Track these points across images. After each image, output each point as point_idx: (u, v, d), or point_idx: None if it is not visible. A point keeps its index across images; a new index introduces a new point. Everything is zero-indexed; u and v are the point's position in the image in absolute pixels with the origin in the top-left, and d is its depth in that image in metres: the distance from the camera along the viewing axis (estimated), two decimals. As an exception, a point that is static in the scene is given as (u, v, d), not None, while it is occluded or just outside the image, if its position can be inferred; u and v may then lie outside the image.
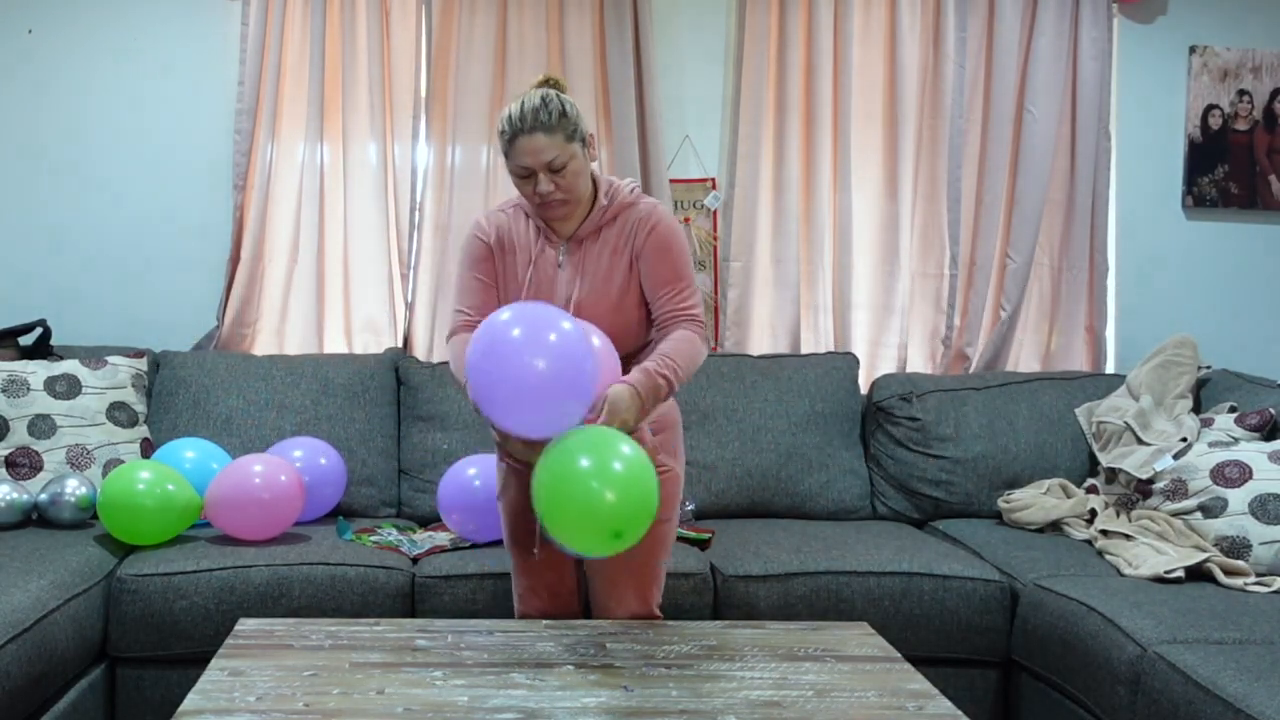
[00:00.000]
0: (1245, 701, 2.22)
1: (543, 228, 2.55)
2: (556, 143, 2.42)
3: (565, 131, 2.43)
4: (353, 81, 3.87)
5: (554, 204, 2.47)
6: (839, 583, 3.09)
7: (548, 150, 2.42)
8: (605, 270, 2.53)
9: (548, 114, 2.42)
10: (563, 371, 2.19)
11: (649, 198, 2.62)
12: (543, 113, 2.42)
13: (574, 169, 2.45)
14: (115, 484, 3.04)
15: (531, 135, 2.41)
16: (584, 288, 2.52)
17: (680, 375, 2.43)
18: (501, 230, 2.58)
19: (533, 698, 2.08)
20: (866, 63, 4.06)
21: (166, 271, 3.94)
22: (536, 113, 2.42)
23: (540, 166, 2.43)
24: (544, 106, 2.43)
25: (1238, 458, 3.18)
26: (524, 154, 2.42)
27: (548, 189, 2.44)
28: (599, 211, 2.53)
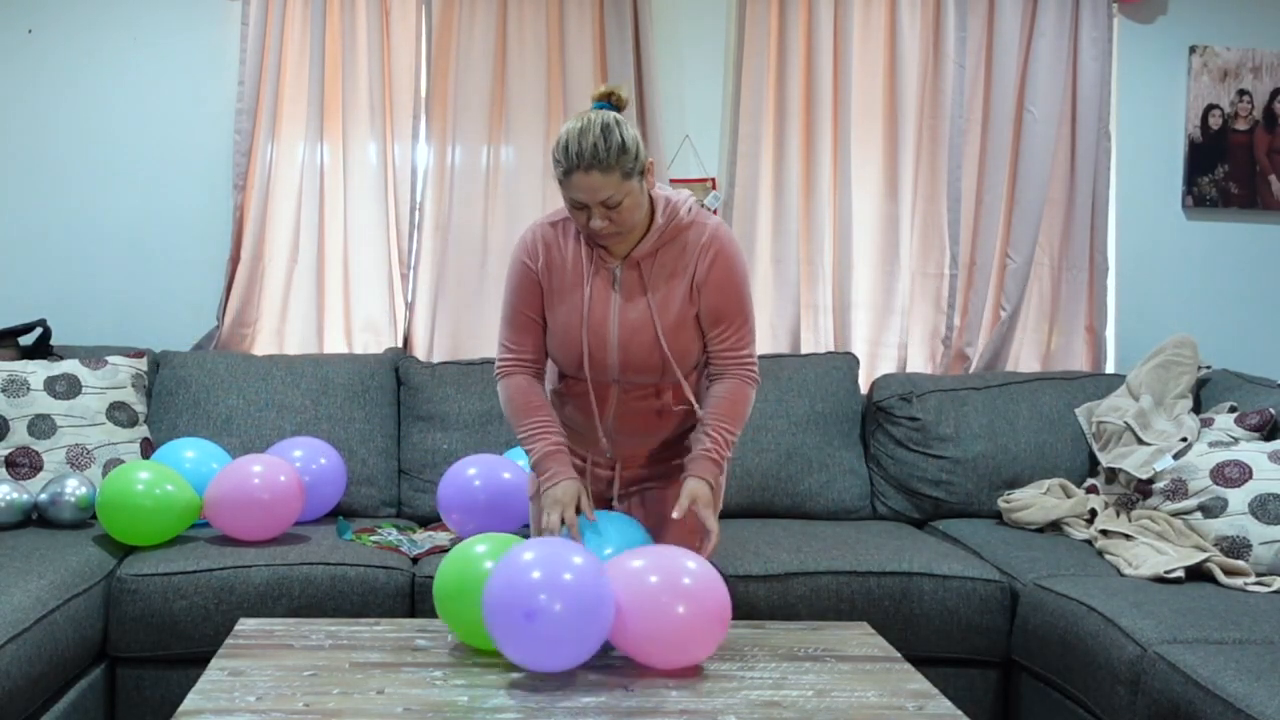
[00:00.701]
0: (1245, 701, 2.22)
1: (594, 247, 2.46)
2: (613, 181, 2.29)
3: (624, 169, 2.30)
4: (353, 81, 3.87)
5: (608, 236, 2.37)
6: (839, 583, 3.09)
7: (604, 190, 2.29)
8: (663, 297, 2.45)
9: (607, 151, 2.28)
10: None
11: (708, 215, 2.52)
12: (601, 149, 2.27)
13: (630, 204, 2.33)
14: (114, 485, 3.04)
15: (588, 173, 2.28)
16: (633, 310, 2.45)
17: (734, 443, 2.51)
18: (550, 248, 2.47)
19: (532, 698, 2.08)
20: (866, 63, 4.06)
21: (166, 271, 3.94)
22: (595, 150, 2.27)
23: (595, 203, 2.31)
24: (604, 141, 2.28)
25: (1238, 458, 3.18)
26: (578, 190, 2.30)
27: (599, 225, 2.33)
28: (656, 232, 2.42)
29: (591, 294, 2.44)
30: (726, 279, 2.45)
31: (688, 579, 2.18)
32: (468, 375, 3.72)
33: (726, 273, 2.45)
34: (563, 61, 3.92)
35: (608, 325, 2.44)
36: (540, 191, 3.97)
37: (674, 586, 2.16)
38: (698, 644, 2.20)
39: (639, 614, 2.16)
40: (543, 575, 2.10)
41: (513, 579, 2.11)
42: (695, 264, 2.43)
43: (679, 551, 2.26)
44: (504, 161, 3.98)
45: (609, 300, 2.45)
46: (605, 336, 2.45)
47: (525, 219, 3.94)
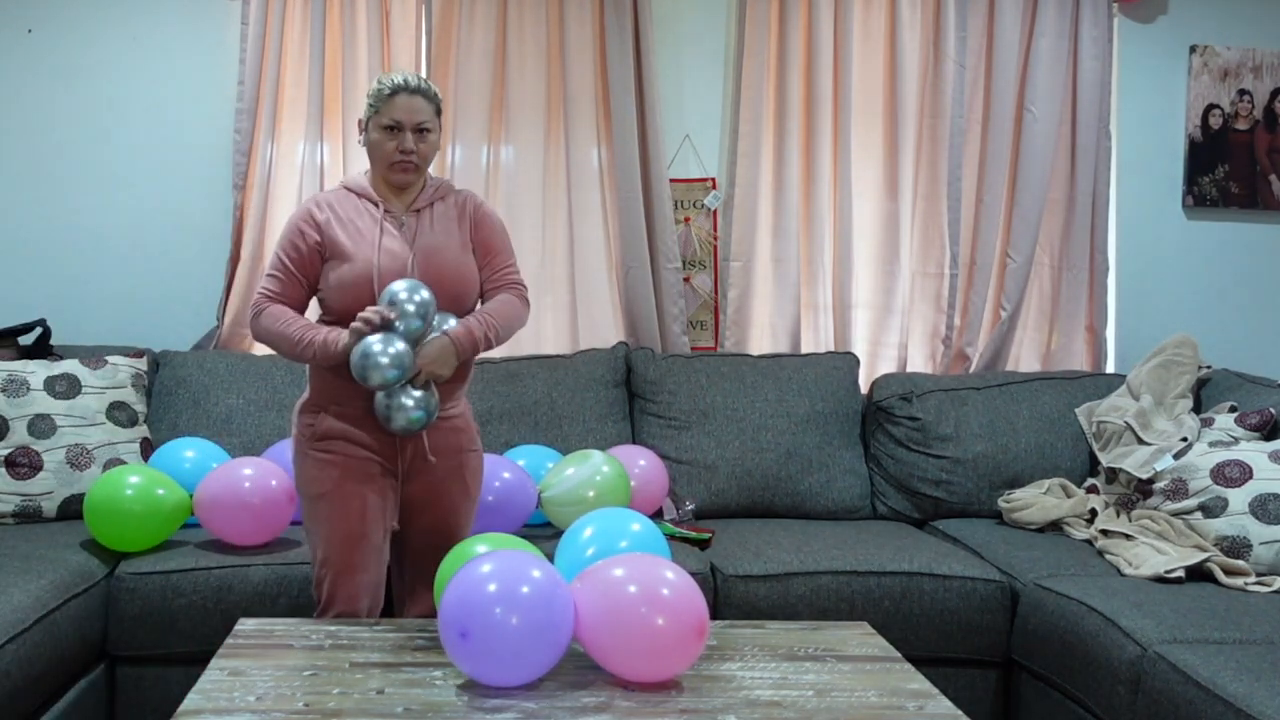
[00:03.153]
0: (1245, 701, 2.22)
1: (379, 202, 2.68)
2: (430, 110, 2.66)
3: (436, 105, 2.68)
4: (353, 81, 3.87)
5: (409, 166, 2.65)
6: (839, 583, 3.09)
7: (422, 113, 2.64)
8: (446, 227, 2.72)
9: (429, 85, 2.68)
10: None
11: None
12: (424, 83, 2.67)
13: (433, 141, 2.68)
14: (101, 491, 3.01)
15: (413, 96, 2.63)
16: (427, 239, 2.67)
17: (499, 334, 2.69)
18: (335, 207, 2.69)
19: (533, 697, 2.07)
20: (866, 62, 4.06)
21: (166, 271, 3.94)
22: (420, 80, 2.66)
23: (412, 125, 2.62)
24: (425, 80, 2.68)
25: (1238, 457, 3.18)
26: (400, 109, 2.61)
27: (411, 146, 2.63)
28: (430, 189, 2.74)
29: (383, 230, 2.66)
30: (494, 219, 2.81)
31: (666, 589, 2.14)
32: (468, 375, 3.72)
33: (492, 215, 2.82)
34: (563, 61, 3.92)
35: (405, 260, 2.63)
36: (540, 191, 3.98)
37: (651, 599, 2.12)
38: (672, 660, 2.16)
39: (611, 629, 2.14)
40: (482, 594, 2.09)
41: (460, 594, 2.11)
42: (467, 208, 2.77)
43: (658, 561, 2.25)
44: (504, 161, 3.98)
45: (400, 241, 2.66)
46: (405, 262, 2.63)
47: (525, 219, 3.97)
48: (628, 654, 2.14)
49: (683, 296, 4.02)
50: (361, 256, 2.61)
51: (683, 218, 4.06)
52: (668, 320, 3.99)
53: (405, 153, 2.63)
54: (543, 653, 2.11)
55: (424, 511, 2.71)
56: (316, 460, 2.64)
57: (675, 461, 3.65)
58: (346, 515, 2.61)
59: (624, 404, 3.80)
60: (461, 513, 2.75)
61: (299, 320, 2.64)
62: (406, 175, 2.67)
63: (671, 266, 3.98)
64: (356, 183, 2.74)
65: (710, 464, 3.66)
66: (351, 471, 2.61)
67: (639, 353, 3.88)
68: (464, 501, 2.76)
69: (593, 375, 3.77)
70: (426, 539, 2.71)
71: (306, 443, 2.66)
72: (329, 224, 2.65)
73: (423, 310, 2.52)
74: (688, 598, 2.15)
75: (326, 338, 2.58)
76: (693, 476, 3.66)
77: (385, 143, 2.64)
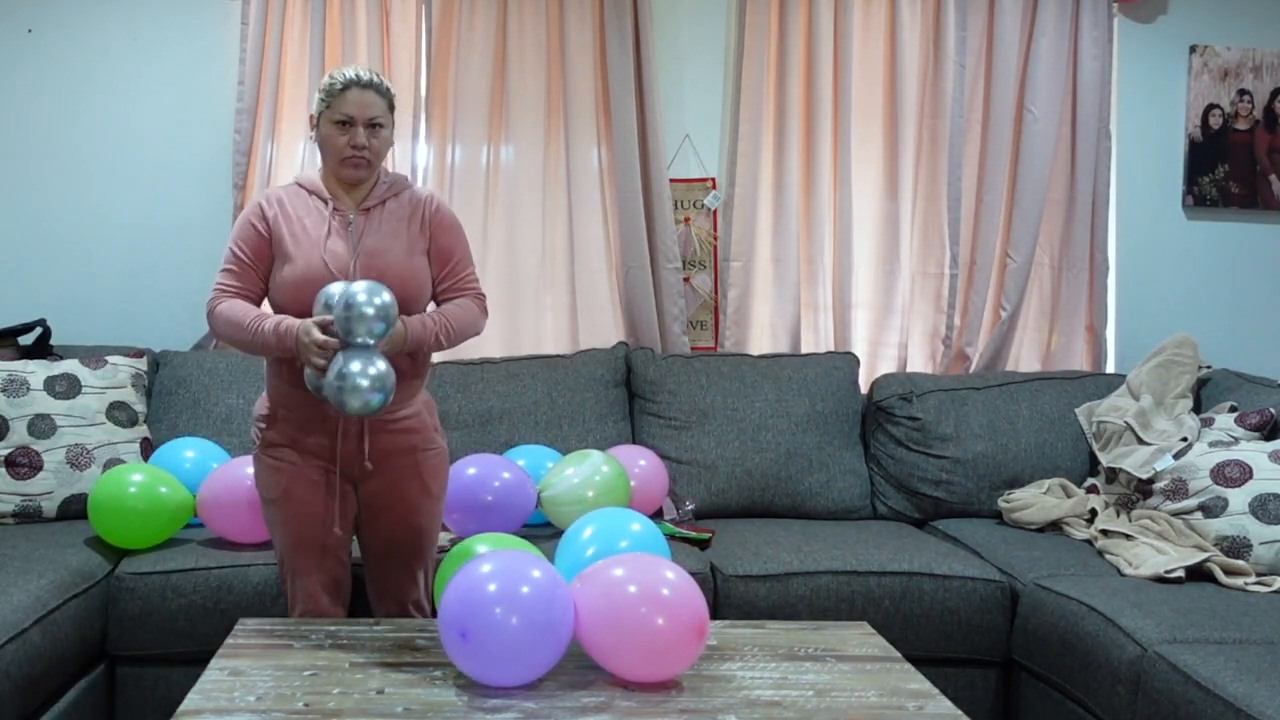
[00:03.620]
0: (1245, 701, 2.22)
1: (329, 199, 2.65)
2: (382, 105, 2.63)
3: (389, 100, 2.66)
4: (353, 81, 3.87)
5: (360, 161, 2.62)
6: (839, 583, 3.09)
7: (375, 108, 2.61)
8: (394, 227, 2.66)
9: (381, 80, 2.66)
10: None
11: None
12: (377, 78, 2.65)
13: (385, 136, 2.66)
14: (105, 489, 3.03)
15: (365, 90, 2.61)
16: (373, 240, 2.63)
17: (452, 335, 2.65)
18: (284, 203, 2.66)
19: (533, 697, 2.07)
20: (867, 62, 4.06)
21: (166, 271, 3.94)
22: (373, 76, 2.64)
23: (364, 120, 2.60)
24: (378, 75, 2.66)
25: (1238, 457, 3.18)
26: (352, 104, 2.59)
27: (363, 142, 2.60)
28: (382, 186, 2.70)
29: (331, 228, 2.63)
30: (453, 223, 2.77)
31: (666, 589, 2.14)
32: (467, 375, 3.72)
33: (452, 219, 2.77)
34: (563, 61, 3.92)
35: (348, 262, 2.59)
36: (540, 191, 3.98)
37: (651, 599, 2.12)
38: (672, 660, 2.16)
39: (611, 629, 2.14)
40: (481, 594, 2.09)
41: (460, 594, 2.11)
42: (423, 210, 2.71)
43: (658, 561, 2.25)
44: (504, 161, 3.97)
45: (348, 240, 2.63)
46: (348, 266, 2.59)
47: (525, 218, 3.97)
48: (628, 654, 2.14)
49: (683, 296, 4.02)
50: (303, 257, 2.59)
51: (683, 218, 4.06)
52: (668, 320, 3.99)
53: (357, 148, 2.60)
54: (543, 653, 2.11)
55: (383, 512, 2.70)
56: (267, 466, 2.66)
57: (675, 461, 3.65)
58: (296, 521, 2.63)
59: (624, 404, 3.80)
60: (423, 511, 2.72)
61: (252, 310, 2.60)
62: (358, 171, 2.64)
63: (671, 266, 3.98)
64: (308, 179, 2.71)
65: (710, 464, 3.66)
66: (299, 478, 2.62)
67: (639, 353, 3.88)
68: (425, 500, 2.72)
69: (593, 375, 3.77)
70: (389, 539, 2.70)
71: (259, 448, 2.68)
72: (276, 220, 2.63)
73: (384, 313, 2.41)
74: (688, 598, 2.15)
75: (279, 325, 2.51)
76: (693, 476, 3.66)
77: (336, 138, 2.61)
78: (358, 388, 2.38)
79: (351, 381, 2.38)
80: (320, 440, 2.63)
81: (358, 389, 2.38)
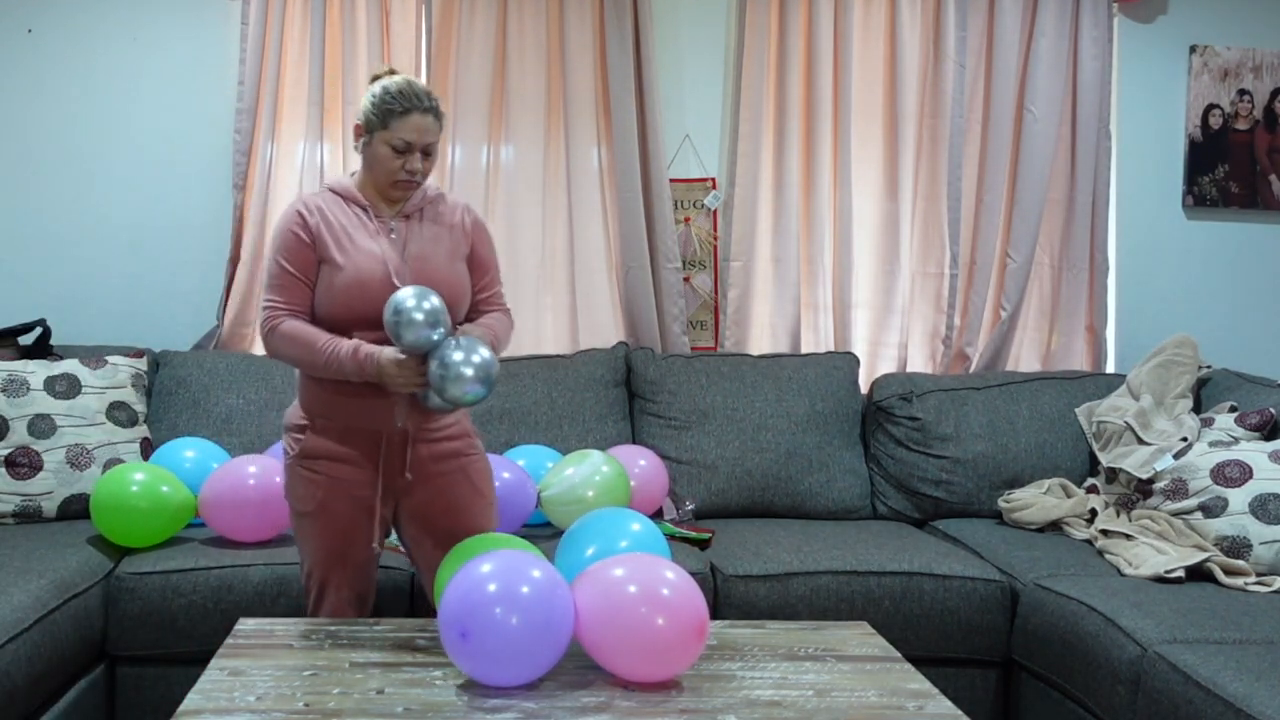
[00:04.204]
0: (1245, 701, 2.22)
1: (368, 208, 2.60)
2: (438, 128, 2.56)
3: (442, 121, 2.58)
4: (353, 81, 3.86)
5: (412, 185, 2.57)
6: (839, 583, 3.09)
7: (431, 133, 2.54)
8: (436, 234, 2.63)
9: (436, 101, 2.56)
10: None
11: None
12: (433, 99, 2.55)
13: (435, 158, 2.60)
14: (108, 486, 3.03)
15: (425, 115, 2.52)
16: (419, 246, 2.59)
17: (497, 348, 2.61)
18: (324, 211, 2.59)
19: (533, 697, 2.07)
20: (867, 62, 4.06)
21: (166, 271, 3.94)
22: (430, 96, 2.54)
23: (421, 146, 2.53)
24: (432, 94, 2.56)
25: (1238, 457, 3.18)
26: (414, 130, 2.51)
27: (418, 167, 2.54)
28: (420, 195, 2.64)
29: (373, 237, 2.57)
30: (487, 234, 2.74)
31: (666, 589, 2.14)
32: (468, 375, 3.72)
33: (485, 229, 2.74)
34: (563, 61, 3.92)
35: (398, 268, 2.54)
36: (540, 191, 3.98)
37: (651, 599, 2.12)
38: (672, 660, 2.15)
39: (611, 629, 2.14)
40: (481, 594, 2.09)
41: (460, 594, 2.11)
42: (461, 218, 2.68)
43: (658, 561, 2.25)
44: (504, 161, 3.97)
45: (392, 249, 2.57)
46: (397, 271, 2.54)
47: (525, 219, 3.97)
48: (628, 654, 2.14)
49: (683, 296, 4.02)
50: (352, 264, 2.52)
51: (683, 218, 4.06)
52: (668, 320, 3.99)
53: (411, 172, 2.54)
54: (543, 653, 2.11)
55: (437, 519, 2.64)
56: (302, 478, 2.59)
57: (675, 461, 3.65)
58: (331, 534, 2.58)
59: (624, 404, 3.80)
60: (477, 513, 2.66)
61: (321, 334, 2.51)
62: (407, 193, 2.59)
63: (671, 266, 3.98)
64: (342, 186, 2.63)
65: (710, 464, 3.66)
66: (336, 491, 2.56)
67: (639, 353, 3.88)
68: (477, 500, 2.67)
69: (593, 375, 3.77)
70: (448, 545, 2.58)
71: (294, 459, 2.61)
72: (319, 228, 2.55)
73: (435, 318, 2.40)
74: (688, 598, 2.15)
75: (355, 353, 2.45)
76: (693, 476, 3.66)
77: (390, 160, 2.53)
78: (461, 376, 2.37)
79: (455, 370, 2.37)
80: (361, 451, 2.57)
81: (461, 377, 2.37)
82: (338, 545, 2.58)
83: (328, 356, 2.48)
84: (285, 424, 2.65)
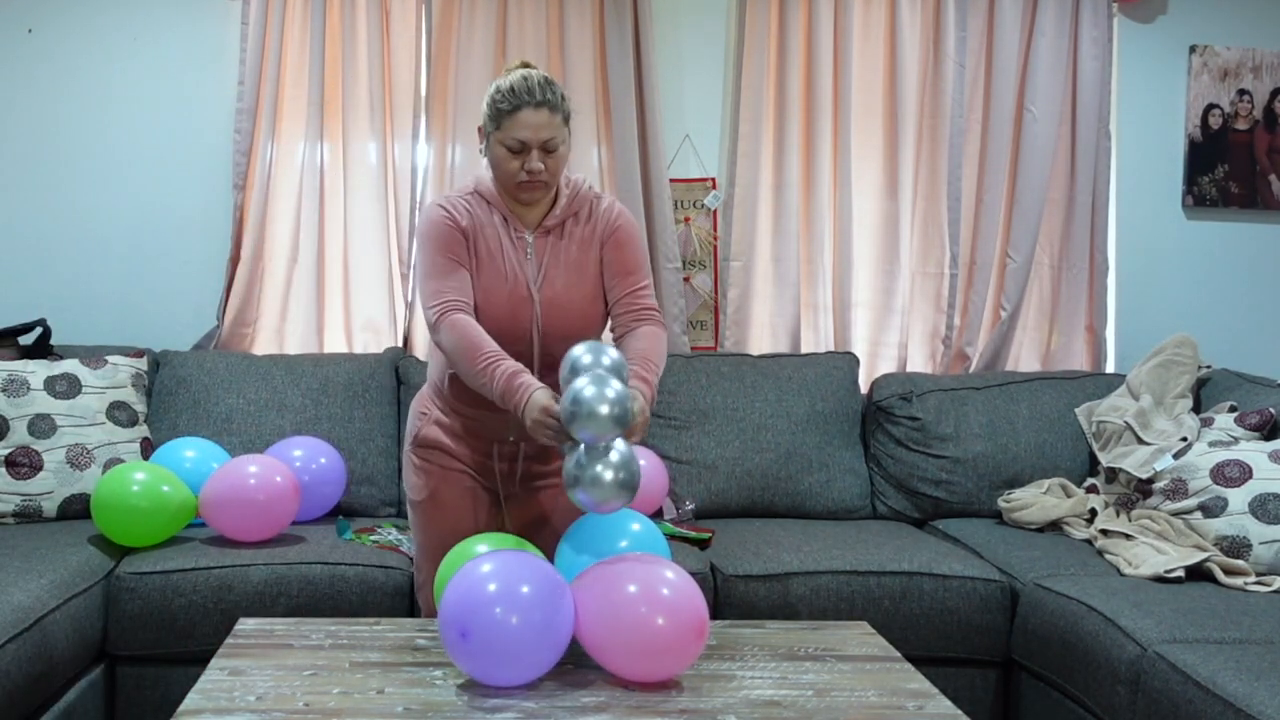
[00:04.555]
0: (1245, 701, 2.22)
1: (508, 217, 2.48)
2: (557, 122, 2.39)
3: (564, 113, 2.41)
4: (353, 81, 3.87)
5: (538, 185, 2.42)
6: (839, 582, 3.09)
7: (549, 128, 2.37)
8: (575, 259, 2.50)
9: (553, 92, 2.39)
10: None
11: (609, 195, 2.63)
12: (549, 90, 2.39)
13: (563, 153, 2.43)
14: (109, 486, 3.04)
15: (538, 110, 2.36)
16: (555, 276, 2.48)
17: (658, 380, 2.45)
18: (474, 211, 2.47)
19: (533, 697, 2.07)
20: (866, 62, 4.06)
21: (166, 271, 3.94)
22: (544, 88, 2.38)
23: (538, 143, 2.38)
24: (549, 85, 2.39)
25: (1238, 457, 3.18)
26: (525, 127, 2.36)
27: (539, 167, 2.39)
28: (565, 199, 2.50)
29: (507, 256, 2.45)
30: (635, 234, 2.56)
31: (666, 589, 2.14)
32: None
33: (633, 230, 2.55)
34: (563, 62, 3.92)
35: (530, 290, 2.46)
36: (540, 191, 3.97)
37: (651, 599, 2.11)
38: (672, 660, 2.15)
39: (611, 629, 2.13)
40: (481, 594, 2.08)
41: (460, 594, 2.10)
42: (603, 227, 2.51)
43: (658, 561, 2.24)
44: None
45: (526, 266, 2.47)
46: (528, 301, 2.46)
47: (525, 219, 3.96)
48: (628, 654, 2.14)
49: (683, 296, 4.02)
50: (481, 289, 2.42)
51: (683, 218, 4.06)
52: (668, 320, 3.99)
53: (532, 173, 2.39)
54: (543, 653, 2.11)
55: (543, 527, 2.60)
56: (414, 466, 2.58)
57: (675, 461, 3.65)
58: (437, 527, 2.55)
59: (624, 404, 3.79)
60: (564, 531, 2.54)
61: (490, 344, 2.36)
62: (534, 194, 2.43)
63: (671, 266, 3.98)
64: (488, 189, 2.47)
65: (710, 464, 3.66)
66: (445, 484, 2.54)
67: (639, 353, 3.87)
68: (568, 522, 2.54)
69: (593, 375, 3.76)
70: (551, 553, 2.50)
71: (411, 445, 2.58)
72: (471, 230, 2.43)
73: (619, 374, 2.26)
74: (688, 598, 2.15)
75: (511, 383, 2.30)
76: (693, 476, 3.66)
77: (508, 162, 2.39)
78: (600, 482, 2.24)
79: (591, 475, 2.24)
80: (474, 452, 2.55)
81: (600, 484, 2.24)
82: (448, 537, 2.51)
83: (482, 368, 2.34)
84: (412, 409, 2.62)
